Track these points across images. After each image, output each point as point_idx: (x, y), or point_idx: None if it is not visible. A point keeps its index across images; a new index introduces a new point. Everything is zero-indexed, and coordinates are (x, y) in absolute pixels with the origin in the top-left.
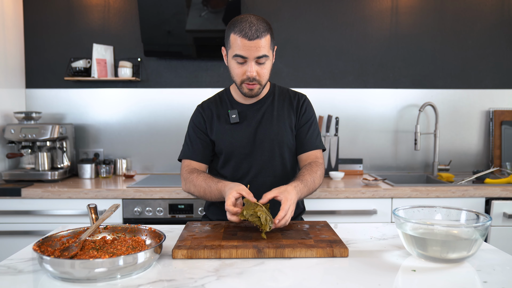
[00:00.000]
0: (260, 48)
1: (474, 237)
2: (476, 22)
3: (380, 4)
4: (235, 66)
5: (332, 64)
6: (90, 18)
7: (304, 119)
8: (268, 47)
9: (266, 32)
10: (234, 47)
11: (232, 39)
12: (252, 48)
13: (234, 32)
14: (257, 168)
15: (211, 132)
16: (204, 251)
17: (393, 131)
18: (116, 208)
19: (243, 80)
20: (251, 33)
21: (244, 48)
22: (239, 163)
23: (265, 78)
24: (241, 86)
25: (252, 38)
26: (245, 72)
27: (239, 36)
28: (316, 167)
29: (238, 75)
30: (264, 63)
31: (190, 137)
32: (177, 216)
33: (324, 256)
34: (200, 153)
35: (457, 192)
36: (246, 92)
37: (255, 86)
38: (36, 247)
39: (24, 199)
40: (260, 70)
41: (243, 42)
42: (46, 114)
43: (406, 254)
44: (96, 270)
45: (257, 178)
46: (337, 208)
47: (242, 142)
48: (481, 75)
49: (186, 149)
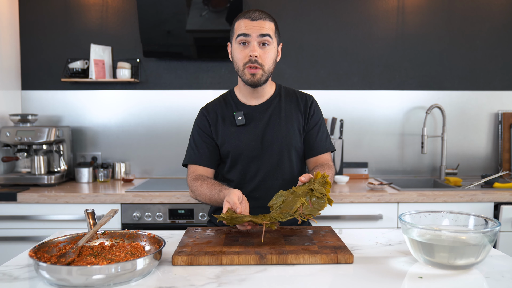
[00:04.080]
0: (263, 28)
1: (483, 243)
2: (484, 22)
3: (386, 4)
4: (238, 50)
5: (336, 65)
6: (88, 17)
7: (313, 122)
8: (272, 32)
9: (270, 19)
10: (238, 30)
11: (236, 25)
12: (255, 27)
13: (238, 18)
14: (265, 171)
15: (216, 135)
16: (205, 257)
17: (399, 134)
18: (115, 213)
19: (245, 63)
20: (254, 15)
21: (247, 27)
22: (246, 166)
23: (268, 64)
24: (243, 72)
25: (255, 19)
26: (247, 54)
27: (242, 19)
28: (328, 168)
29: (240, 59)
30: (268, 46)
31: (195, 141)
32: (177, 221)
33: (328, 262)
34: (207, 157)
35: (465, 196)
36: (248, 78)
37: (257, 70)
38: (32, 253)
39: (20, 204)
40: (263, 54)
41: (246, 23)
42: (43, 116)
43: (413, 260)
44: (93, 277)
45: (265, 181)
46: (342, 213)
47: (249, 145)
48: (490, 76)
49: (191, 154)
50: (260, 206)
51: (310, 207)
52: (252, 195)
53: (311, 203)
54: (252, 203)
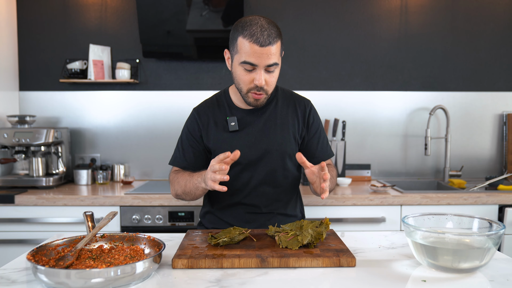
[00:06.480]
0: (271, 56)
1: (487, 246)
2: (489, 22)
3: (389, 3)
4: (242, 73)
5: (338, 66)
6: (87, 17)
7: (313, 130)
8: (278, 54)
9: (278, 37)
10: (243, 53)
11: (240, 44)
12: (264, 56)
13: (244, 36)
14: (258, 179)
15: (207, 139)
16: (205, 260)
17: (402, 135)
18: (114, 215)
19: (250, 89)
20: (263, 38)
21: (254, 55)
22: (239, 173)
23: (273, 87)
24: (246, 95)
25: (264, 45)
26: (252, 80)
27: (249, 41)
28: (331, 170)
29: (245, 83)
30: (273, 72)
31: (182, 144)
32: (177, 224)
33: (330, 266)
34: (192, 162)
35: (469, 199)
36: (251, 102)
37: (261, 96)
38: (30, 257)
39: (18, 207)
40: (268, 79)
41: (253, 49)
42: (41, 117)
43: (416, 263)
44: (92, 280)
45: (257, 189)
46: (344, 216)
47: (242, 152)
48: (494, 77)
49: (177, 155)
50: (252, 212)
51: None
52: (244, 202)
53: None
54: (244, 209)
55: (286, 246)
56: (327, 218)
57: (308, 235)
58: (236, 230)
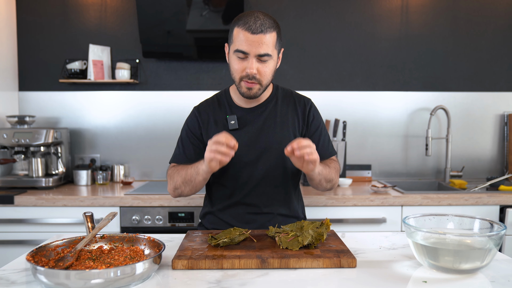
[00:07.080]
0: (262, 45)
1: (488, 247)
2: (490, 22)
3: (389, 3)
4: (235, 62)
5: (339, 66)
6: (86, 17)
7: (313, 128)
8: (272, 46)
9: (272, 29)
10: (236, 41)
11: (235, 33)
12: (255, 43)
13: (238, 25)
14: (257, 177)
15: (207, 137)
16: (205, 261)
17: (403, 135)
18: (114, 216)
19: (242, 77)
20: (255, 26)
21: (246, 42)
22: (239, 172)
23: (267, 79)
24: (239, 84)
25: (256, 32)
26: (244, 68)
27: (242, 29)
28: (333, 165)
29: (237, 71)
30: (266, 62)
31: (182, 141)
32: (177, 224)
33: (331, 266)
34: (192, 159)
35: (470, 199)
36: (244, 92)
37: (254, 85)
38: (29, 257)
39: (17, 207)
40: (261, 68)
41: (245, 36)
42: (40, 118)
43: (417, 264)
44: (92, 281)
45: (257, 188)
46: (345, 217)
47: (242, 150)
48: (495, 77)
49: (177, 153)
50: (252, 213)
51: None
52: (244, 201)
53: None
54: (243, 209)
55: (286, 247)
56: (327, 218)
57: (309, 236)
58: (236, 231)
